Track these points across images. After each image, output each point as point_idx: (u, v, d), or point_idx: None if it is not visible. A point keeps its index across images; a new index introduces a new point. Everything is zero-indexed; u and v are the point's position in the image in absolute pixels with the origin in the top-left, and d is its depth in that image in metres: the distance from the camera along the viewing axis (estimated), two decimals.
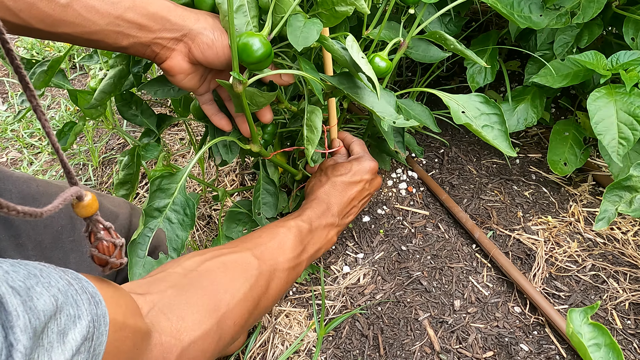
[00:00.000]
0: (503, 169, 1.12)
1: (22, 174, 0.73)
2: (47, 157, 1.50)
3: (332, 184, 0.81)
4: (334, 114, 0.86)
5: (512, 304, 0.87)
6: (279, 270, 0.66)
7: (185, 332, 0.49)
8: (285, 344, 0.85)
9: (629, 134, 0.85)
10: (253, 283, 0.60)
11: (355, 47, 0.64)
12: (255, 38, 0.59)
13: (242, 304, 0.58)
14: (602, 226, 0.73)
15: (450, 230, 1.01)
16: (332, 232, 0.79)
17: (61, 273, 0.33)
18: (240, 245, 0.65)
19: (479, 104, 0.72)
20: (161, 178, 0.67)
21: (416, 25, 0.83)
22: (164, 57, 0.65)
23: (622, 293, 0.86)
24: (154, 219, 0.65)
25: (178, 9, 0.63)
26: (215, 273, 0.58)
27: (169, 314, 0.49)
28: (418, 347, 0.82)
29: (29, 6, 0.53)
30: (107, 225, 0.33)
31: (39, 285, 0.30)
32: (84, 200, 0.30)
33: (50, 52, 1.97)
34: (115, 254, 0.34)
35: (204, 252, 0.61)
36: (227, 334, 0.55)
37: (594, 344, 0.51)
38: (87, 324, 0.32)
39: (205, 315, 0.52)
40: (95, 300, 0.35)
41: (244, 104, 0.64)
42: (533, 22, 0.91)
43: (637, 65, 0.89)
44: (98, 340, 0.34)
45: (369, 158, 0.84)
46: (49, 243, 0.69)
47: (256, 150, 0.77)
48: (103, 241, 0.33)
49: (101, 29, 0.58)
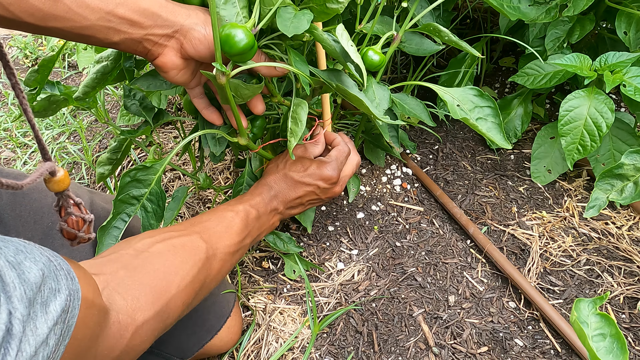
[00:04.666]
0: (497, 165, 1.12)
1: (13, 170, 0.73)
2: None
3: (284, 175, 0.81)
4: (327, 108, 0.86)
5: (506, 299, 0.87)
6: (224, 253, 0.67)
7: (140, 311, 0.51)
8: (279, 341, 0.84)
9: (588, 143, 0.86)
10: (201, 266, 0.62)
11: (345, 35, 0.64)
12: (239, 29, 0.58)
13: (191, 286, 0.59)
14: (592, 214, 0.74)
15: (444, 226, 1.00)
16: (275, 217, 0.80)
17: (41, 250, 0.35)
18: (189, 229, 0.66)
19: (473, 97, 0.72)
20: (136, 170, 0.68)
21: (409, 19, 0.83)
22: (156, 54, 0.64)
23: (617, 287, 0.86)
24: (132, 206, 0.68)
25: (169, 5, 0.62)
26: (166, 255, 0.59)
27: (124, 293, 0.51)
28: (412, 343, 0.81)
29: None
30: (77, 201, 0.34)
31: (27, 260, 0.32)
32: (56, 176, 0.30)
33: (44, 51, 1.96)
34: (84, 229, 0.34)
35: (153, 234, 0.62)
36: (175, 313, 0.57)
37: (599, 334, 0.51)
38: (65, 297, 0.35)
39: (157, 297, 0.54)
40: (70, 276, 0.37)
41: (228, 95, 0.63)
42: (522, 12, 0.91)
43: (624, 66, 0.88)
44: (72, 314, 0.36)
45: (333, 167, 0.82)
46: (38, 239, 0.68)
47: (243, 144, 0.76)
48: (72, 216, 0.33)
49: (92, 24, 0.58)
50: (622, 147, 0.96)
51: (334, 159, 0.84)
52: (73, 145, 1.47)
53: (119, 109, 1.56)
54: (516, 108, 1.10)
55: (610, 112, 0.86)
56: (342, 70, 0.72)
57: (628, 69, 0.86)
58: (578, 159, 0.89)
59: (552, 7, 0.91)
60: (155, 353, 0.75)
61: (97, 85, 0.79)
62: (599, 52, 1.10)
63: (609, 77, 0.86)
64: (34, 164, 1.46)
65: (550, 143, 1.04)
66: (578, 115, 0.87)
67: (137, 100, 0.84)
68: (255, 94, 0.69)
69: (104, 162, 0.92)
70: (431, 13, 0.98)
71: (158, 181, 0.70)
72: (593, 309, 0.53)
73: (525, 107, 1.10)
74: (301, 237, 1.01)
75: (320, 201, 0.86)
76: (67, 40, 0.62)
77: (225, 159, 1.25)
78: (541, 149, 1.05)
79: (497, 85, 1.35)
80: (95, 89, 0.79)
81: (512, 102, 1.11)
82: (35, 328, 0.31)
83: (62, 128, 1.55)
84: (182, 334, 0.76)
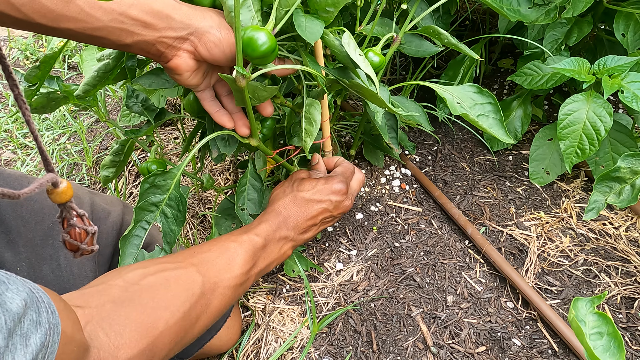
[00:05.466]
0: (496, 166, 1.13)
1: (14, 172, 0.73)
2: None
3: (293, 197, 0.79)
4: (326, 110, 0.86)
5: (504, 299, 0.87)
6: (224, 287, 0.64)
7: (123, 349, 0.49)
8: (278, 341, 0.85)
9: (587, 147, 0.87)
10: (194, 302, 0.59)
11: (352, 44, 0.64)
12: (261, 32, 0.58)
13: (180, 323, 0.56)
14: (591, 216, 0.74)
15: (443, 226, 1.01)
16: (286, 246, 0.77)
17: (23, 281, 0.34)
18: (187, 260, 0.63)
19: (473, 94, 0.72)
20: (154, 176, 0.68)
21: (409, 21, 0.83)
22: (169, 56, 0.64)
23: (614, 287, 0.87)
24: (151, 213, 0.66)
25: (183, 7, 0.62)
26: (157, 289, 0.56)
27: (107, 329, 0.49)
28: (411, 343, 0.82)
29: (30, 0, 0.53)
30: (81, 213, 0.33)
31: (9, 291, 0.31)
32: (59, 187, 0.30)
33: (45, 53, 1.97)
34: (87, 241, 0.34)
35: (146, 265, 0.60)
36: (162, 351, 0.54)
37: (596, 332, 0.52)
38: (45, 330, 0.33)
39: (143, 334, 0.51)
40: (51, 309, 0.35)
41: (246, 98, 0.64)
42: (522, 14, 0.91)
43: (623, 70, 0.87)
44: (51, 349, 0.34)
45: (341, 180, 0.81)
46: (40, 240, 0.69)
47: (255, 145, 0.77)
48: (75, 227, 0.33)
49: (104, 26, 0.57)
50: (620, 149, 0.97)
51: (340, 173, 0.83)
52: (73, 147, 1.48)
53: (119, 111, 1.56)
54: (516, 110, 1.10)
55: (608, 116, 0.86)
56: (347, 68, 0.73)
57: (626, 74, 0.87)
58: (576, 162, 0.89)
59: (551, 8, 0.92)
60: None
61: (98, 83, 0.79)
62: (597, 53, 1.11)
63: (607, 82, 0.86)
64: (34, 164, 1.47)
65: (549, 145, 1.04)
66: (577, 119, 0.88)
67: (139, 101, 0.84)
68: (272, 95, 0.69)
69: (107, 165, 0.93)
70: (431, 15, 0.99)
71: (177, 185, 0.68)
72: (591, 308, 0.54)
73: (525, 109, 1.11)
74: None
75: (332, 219, 0.83)
76: (79, 42, 0.61)
77: (225, 160, 1.25)
78: (539, 151, 1.05)
79: (496, 87, 1.35)
80: (96, 87, 0.80)
81: (511, 104, 1.12)
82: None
83: (63, 129, 1.55)
84: None
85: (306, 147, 0.70)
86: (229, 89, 0.74)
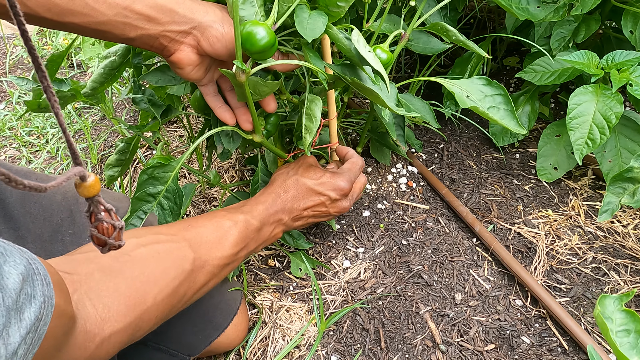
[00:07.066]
0: (503, 164, 1.12)
1: (22, 168, 0.73)
2: (46, 155, 1.49)
3: (295, 181, 0.78)
4: (333, 107, 0.86)
5: (513, 297, 0.87)
6: (212, 265, 0.64)
7: (109, 322, 0.48)
8: (286, 338, 0.85)
9: (597, 137, 0.86)
10: (183, 279, 0.58)
11: (362, 41, 0.64)
12: (260, 27, 0.58)
13: (167, 300, 0.56)
14: (605, 218, 0.73)
15: (450, 224, 1.00)
16: (278, 229, 0.77)
17: (21, 252, 0.34)
18: (180, 234, 0.63)
19: (482, 87, 0.72)
20: (153, 168, 0.68)
21: (417, 18, 0.83)
22: (172, 50, 0.64)
23: (623, 285, 0.86)
24: (148, 204, 0.67)
25: (186, 1, 0.62)
26: (148, 262, 0.56)
27: (95, 300, 0.48)
28: (419, 341, 0.81)
29: None
30: (108, 207, 0.33)
31: (6, 265, 0.31)
32: (87, 181, 0.30)
33: (49, 51, 1.97)
34: (114, 236, 0.34)
35: (140, 234, 0.59)
36: (147, 326, 0.54)
37: (623, 330, 0.52)
38: (40, 304, 0.33)
39: (130, 308, 0.51)
40: (46, 281, 0.35)
41: (246, 93, 0.64)
42: (531, 13, 0.91)
43: (631, 65, 0.87)
44: (44, 321, 0.34)
45: (346, 179, 0.81)
46: (48, 236, 0.68)
47: (258, 141, 0.76)
48: (103, 222, 0.33)
49: (109, 20, 0.58)
50: (628, 144, 0.96)
51: (346, 171, 0.82)
52: (78, 144, 1.48)
53: (124, 109, 1.56)
54: (523, 105, 1.10)
55: (619, 104, 0.85)
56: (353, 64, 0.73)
57: (635, 68, 0.87)
58: (587, 153, 0.88)
59: (560, 6, 0.91)
60: (163, 350, 0.75)
61: (105, 81, 0.79)
62: (604, 51, 1.10)
63: (616, 76, 0.86)
64: (39, 162, 1.47)
65: (557, 141, 1.04)
66: (586, 109, 0.87)
67: (145, 97, 0.84)
68: (273, 91, 0.69)
69: (112, 164, 0.92)
70: (438, 12, 0.99)
71: (175, 178, 0.69)
72: (619, 305, 0.54)
73: (532, 105, 1.10)
74: (307, 235, 1.01)
75: (327, 216, 0.83)
76: (83, 35, 0.62)
77: (231, 158, 1.25)
78: (547, 147, 1.05)
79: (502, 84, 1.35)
80: (104, 84, 0.80)
81: (518, 100, 1.11)
82: (7, 336, 0.29)
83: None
84: (189, 331, 0.76)
85: (305, 143, 0.70)
86: (231, 84, 0.74)
